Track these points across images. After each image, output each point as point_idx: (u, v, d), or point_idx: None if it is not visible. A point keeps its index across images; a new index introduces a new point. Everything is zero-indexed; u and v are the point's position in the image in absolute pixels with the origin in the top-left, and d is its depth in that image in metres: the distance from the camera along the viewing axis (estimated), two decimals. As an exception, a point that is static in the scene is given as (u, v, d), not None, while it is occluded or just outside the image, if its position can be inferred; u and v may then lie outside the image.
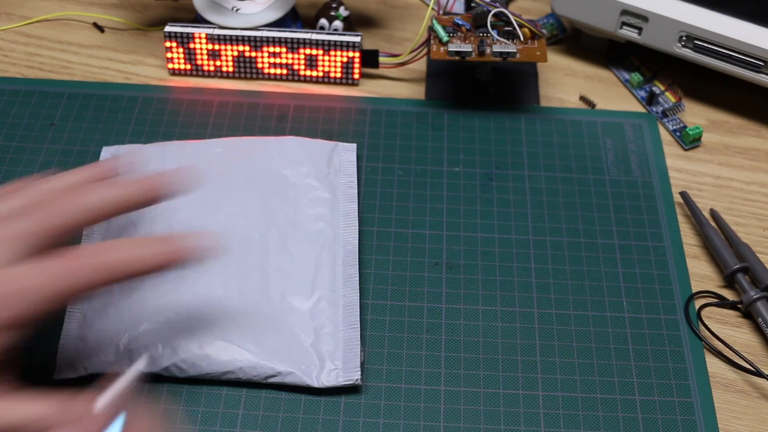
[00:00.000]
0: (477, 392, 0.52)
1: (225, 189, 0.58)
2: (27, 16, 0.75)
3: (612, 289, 0.57)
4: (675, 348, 0.54)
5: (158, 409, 0.50)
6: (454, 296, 0.56)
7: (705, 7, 0.65)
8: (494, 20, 0.66)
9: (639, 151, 0.65)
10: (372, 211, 0.61)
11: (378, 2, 0.78)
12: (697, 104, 0.70)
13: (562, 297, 0.56)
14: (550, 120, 0.67)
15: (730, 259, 0.58)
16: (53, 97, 0.67)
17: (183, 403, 0.51)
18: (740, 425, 0.51)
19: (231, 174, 0.59)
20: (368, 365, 0.53)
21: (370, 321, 0.55)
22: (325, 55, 0.68)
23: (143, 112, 0.67)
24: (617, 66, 0.72)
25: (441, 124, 0.66)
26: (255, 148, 0.61)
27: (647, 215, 0.61)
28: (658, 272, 0.58)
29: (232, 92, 0.68)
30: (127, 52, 0.72)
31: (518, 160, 0.64)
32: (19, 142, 0.64)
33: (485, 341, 0.54)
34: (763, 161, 0.66)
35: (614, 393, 0.52)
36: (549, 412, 0.51)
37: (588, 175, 0.63)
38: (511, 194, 0.62)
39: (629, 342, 0.54)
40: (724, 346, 0.54)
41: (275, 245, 0.55)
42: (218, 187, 0.58)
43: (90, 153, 0.64)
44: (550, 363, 0.53)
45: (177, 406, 0.50)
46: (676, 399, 0.52)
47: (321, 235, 0.56)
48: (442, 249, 0.59)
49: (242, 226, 0.56)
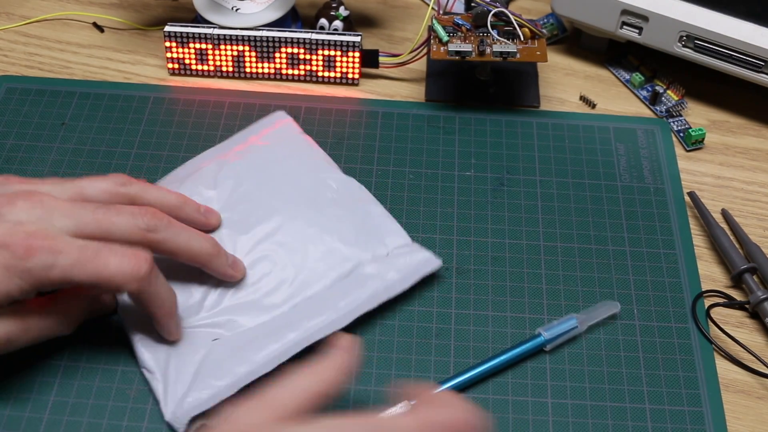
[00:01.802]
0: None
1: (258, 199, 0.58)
2: (27, 16, 0.75)
3: (623, 297, 0.56)
4: (685, 356, 0.54)
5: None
6: (464, 301, 0.56)
7: (705, 6, 0.65)
8: (494, 20, 0.66)
9: (651, 157, 0.65)
10: (382, 215, 0.60)
11: (378, 2, 0.77)
12: (697, 104, 0.70)
13: (572, 304, 0.56)
14: (562, 125, 0.67)
15: (738, 259, 0.57)
16: (64, 96, 0.67)
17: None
18: (746, 427, 0.51)
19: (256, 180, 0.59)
20: (377, 370, 0.52)
21: (378, 325, 0.54)
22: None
23: (154, 112, 0.66)
24: (615, 66, 0.72)
25: (452, 128, 0.66)
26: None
27: (659, 222, 0.61)
28: (669, 280, 0.57)
29: (232, 92, 0.68)
30: (127, 52, 0.72)
31: (530, 165, 0.64)
32: (30, 141, 0.64)
33: (495, 347, 0.54)
34: (763, 161, 0.66)
35: (624, 401, 0.52)
36: (558, 420, 0.51)
37: (600, 181, 0.63)
38: (523, 199, 0.62)
39: (639, 350, 0.54)
40: (737, 344, 0.54)
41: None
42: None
43: (101, 153, 0.64)
44: (559, 370, 0.53)
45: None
46: (686, 408, 0.51)
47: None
48: (452, 254, 0.58)
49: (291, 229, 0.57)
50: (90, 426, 0.50)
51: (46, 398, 0.51)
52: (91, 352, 0.53)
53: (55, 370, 0.52)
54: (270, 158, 0.60)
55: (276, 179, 0.59)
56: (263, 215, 0.57)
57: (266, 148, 0.61)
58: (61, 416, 0.50)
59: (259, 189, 0.58)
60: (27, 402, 0.50)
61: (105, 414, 0.50)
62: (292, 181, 0.59)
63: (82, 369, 0.52)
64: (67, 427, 0.49)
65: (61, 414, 0.50)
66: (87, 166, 0.63)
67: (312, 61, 0.68)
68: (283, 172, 0.59)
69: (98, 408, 0.50)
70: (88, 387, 0.51)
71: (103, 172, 0.62)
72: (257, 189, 0.58)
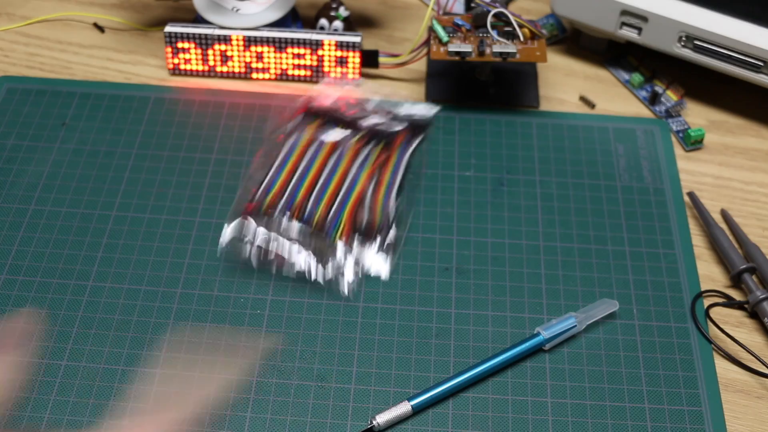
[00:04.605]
0: (486, 398, 0.52)
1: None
2: (27, 17, 0.75)
3: (622, 297, 0.56)
4: (685, 356, 0.54)
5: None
6: (464, 301, 0.56)
7: (705, 7, 0.65)
8: (494, 20, 0.66)
9: (651, 157, 0.65)
10: (382, 215, 0.61)
11: (378, 2, 0.78)
12: (697, 104, 0.70)
13: (572, 304, 0.56)
14: (561, 125, 0.67)
15: (737, 259, 0.58)
16: (65, 96, 0.68)
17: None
18: (744, 427, 0.51)
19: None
20: (376, 369, 0.53)
21: (379, 325, 0.55)
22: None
23: (154, 112, 0.67)
24: (615, 66, 0.72)
25: (452, 128, 0.66)
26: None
27: (658, 222, 0.61)
28: (668, 280, 0.57)
29: (232, 93, 0.68)
30: (127, 53, 0.72)
31: (529, 165, 0.64)
32: (30, 142, 0.64)
33: (494, 347, 0.54)
34: (762, 161, 0.66)
35: (623, 401, 0.52)
36: (558, 419, 0.51)
37: (599, 181, 0.63)
38: (522, 199, 0.62)
39: (639, 350, 0.54)
40: (737, 344, 0.54)
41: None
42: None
43: (101, 153, 0.64)
44: (559, 370, 0.53)
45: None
46: (685, 408, 0.51)
47: None
48: (452, 254, 0.58)
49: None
50: (90, 425, 0.50)
51: (46, 398, 0.51)
52: (91, 352, 0.53)
53: (56, 370, 0.52)
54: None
55: None
56: None
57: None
58: (61, 416, 0.50)
59: None
60: (27, 402, 0.50)
61: (106, 413, 0.50)
62: None
63: (83, 369, 0.52)
64: (67, 426, 0.50)
65: (62, 414, 0.50)
66: (87, 167, 0.63)
67: (312, 61, 0.68)
68: None
69: (99, 407, 0.50)
70: (88, 387, 0.51)
71: (103, 173, 0.62)
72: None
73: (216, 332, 0.54)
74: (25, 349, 0.52)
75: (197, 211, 0.60)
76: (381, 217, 0.59)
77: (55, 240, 0.58)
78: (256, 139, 0.65)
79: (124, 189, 0.61)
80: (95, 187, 0.62)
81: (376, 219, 0.58)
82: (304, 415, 0.50)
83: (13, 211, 0.60)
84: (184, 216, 0.60)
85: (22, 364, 0.51)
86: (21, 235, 0.59)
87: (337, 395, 0.51)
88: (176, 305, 0.55)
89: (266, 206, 0.58)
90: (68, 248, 0.58)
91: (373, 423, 0.50)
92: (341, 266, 0.56)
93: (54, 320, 0.54)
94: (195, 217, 0.60)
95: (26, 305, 0.55)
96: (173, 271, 0.57)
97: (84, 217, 0.60)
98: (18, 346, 0.52)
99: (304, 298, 0.56)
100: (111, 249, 0.58)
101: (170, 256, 0.58)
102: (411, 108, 0.65)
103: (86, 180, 0.62)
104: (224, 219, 0.59)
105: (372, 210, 0.59)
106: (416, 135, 0.64)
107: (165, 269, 0.57)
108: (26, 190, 0.61)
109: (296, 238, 0.57)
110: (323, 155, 0.62)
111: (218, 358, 0.53)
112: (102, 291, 0.56)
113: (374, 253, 0.57)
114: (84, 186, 0.62)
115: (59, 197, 0.61)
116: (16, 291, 0.56)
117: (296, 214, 0.58)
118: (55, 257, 0.57)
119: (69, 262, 0.57)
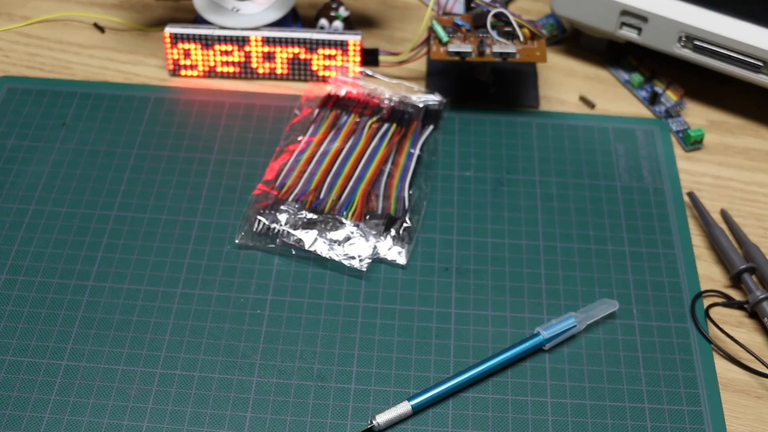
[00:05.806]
0: (485, 398, 0.52)
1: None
2: (27, 17, 0.75)
3: (622, 297, 0.56)
4: (685, 356, 0.54)
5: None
6: (464, 301, 0.56)
7: (705, 7, 0.65)
8: (494, 20, 0.66)
9: (650, 157, 0.65)
10: (382, 215, 0.61)
11: (378, 2, 0.78)
12: (696, 105, 0.70)
13: (572, 304, 0.56)
14: (561, 125, 0.67)
15: (737, 259, 0.58)
16: (65, 96, 0.68)
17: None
18: (744, 427, 0.51)
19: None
20: (376, 369, 0.53)
21: (379, 325, 0.55)
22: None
23: (154, 112, 0.67)
24: (615, 66, 0.72)
25: (452, 128, 0.66)
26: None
27: (658, 222, 0.61)
28: (668, 280, 0.57)
29: (232, 93, 0.68)
30: (127, 53, 0.72)
31: (529, 165, 0.64)
32: (31, 142, 0.64)
33: (494, 347, 0.54)
34: (762, 161, 0.66)
35: (623, 401, 0.52)
36: (558, 419, 0.51)
37: (599, 181, 0.63)
38: (522, 199, 0.62)
39: (639, 349, 0.54)
40: (736, 344, 0.54)
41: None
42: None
43: (101, 153, 0.64)
44: (559, 370, 0.53)
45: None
46: (685, 407, 0.52)
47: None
48: (452, 254, 0.59)
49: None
50: (91, 425, 0.50)
51: (47, 398, 0.51)
52: (91, 352, 0.53)
53: (56, 370, 0.52)
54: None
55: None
56: None
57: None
58: (61, 416, 0.50)
59: None
60: (28, 402, 0.51)
61: (106, 413, 0.50)
62: None
63: (83, 368, 0.52)
64: (67, 426, 0.50)
65: (62, 413, 0.50)
66: (88, 167, 0.63)
67: (312, 61, 0.68)
68: None
69: (99, 407, 0.50)
70: (88, 386, 0.51)
71: (103, 173, 0.62)
72: None
73: (216, 332, 0.54)
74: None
75: (197, 211, 0.60)
76: (396, 203, 0.60)
77: (56, 240, 0.58)
78: (256, 139, 0.65)
79: (124, 189, 0.62)
80: (95, 187, 0.62)
81: (391, 204, 0.60)
82: (304, 415, 0.51)
83: (13, 211, 0.60)
84: (184, 216, 0.60)
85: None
86: (21, 235, 0.59)
87: (337, 395, 0.51)
88: (176, 305, 0.55)
89: (283, 193, 0.60)
90: (68, 248, 0.58)
91: (373, 423, 0.50)
92: (353, 242, 0.57)
93: (54, 320, 0.54)
94: (195, 217, 0.60)
95: (26, 305, 0.55)
96: (173, 271, 0.57)
97: (84, 217, 0.60)
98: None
99: (304, 298, 0.56)
100: (111, 249, 0.58)
101: (170, 256, 0.58)
102: (423, 97, 0.67)
103: (86, 180, 0.62)
104: (224, 219, 0.59)
105: (387, 196, 0.60)
106: (429, 123, 0.65)
107: (165, 269, 0.57)
108: (26, 190, 0.61)
109: (310, 218, 0.58)
110: (341, 138, 0.63)
111: (218, 358, 0.53)
112: (102, 291, 0.56)
113: (391, 239, 0.58)
114: (84, 186, 0.62)
115: (59, 197, 0.61)
116: (16, 291, 0.56)
117: (310, 199, 0.59)
118: (55, 257, 0.57)
119: (69, 262, 0.57)
